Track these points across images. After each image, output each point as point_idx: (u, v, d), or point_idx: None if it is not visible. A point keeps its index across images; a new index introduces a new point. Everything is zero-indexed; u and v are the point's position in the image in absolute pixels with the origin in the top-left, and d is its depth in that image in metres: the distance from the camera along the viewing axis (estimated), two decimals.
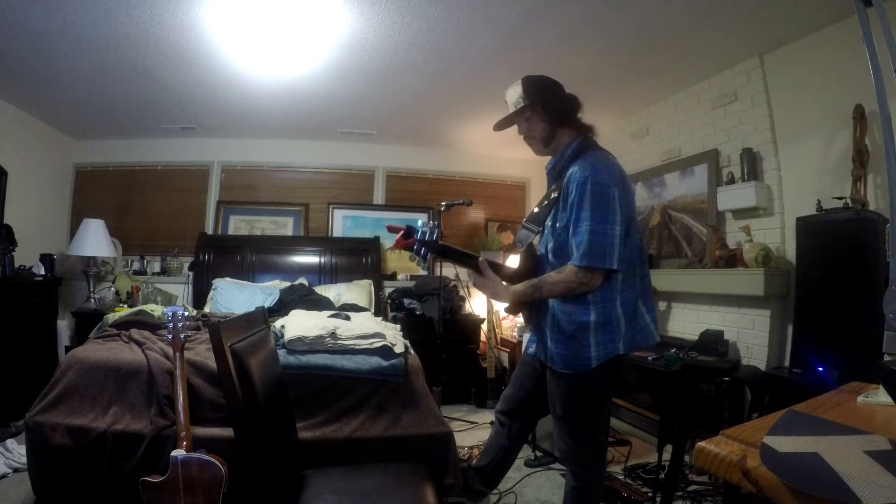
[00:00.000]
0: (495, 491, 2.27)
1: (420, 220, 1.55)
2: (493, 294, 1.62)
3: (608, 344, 1.51)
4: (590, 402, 1.59)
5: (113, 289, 4.09)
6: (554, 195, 1.59)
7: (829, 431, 0.80)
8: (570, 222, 1.50)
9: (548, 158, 1.71)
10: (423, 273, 4.69)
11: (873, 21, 1.06)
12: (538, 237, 1.67)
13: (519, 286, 1.57)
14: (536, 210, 1.69)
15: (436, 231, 1.50)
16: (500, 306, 4.27)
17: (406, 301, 4.22)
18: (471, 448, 2.84)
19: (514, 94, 1.63)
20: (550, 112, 1.60)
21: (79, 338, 3.62)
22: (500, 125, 1.68)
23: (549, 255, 1.59)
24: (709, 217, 3.11)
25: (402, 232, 1.51)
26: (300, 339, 2.21)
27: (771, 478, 0.65)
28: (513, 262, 1.79)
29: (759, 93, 2.83)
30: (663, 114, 3.60)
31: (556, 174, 1.65)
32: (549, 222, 1.60)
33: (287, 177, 4.77)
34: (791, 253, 2.59)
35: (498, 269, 1.63)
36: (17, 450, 2.45)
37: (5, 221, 3.41)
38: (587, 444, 1.61)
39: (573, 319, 1.53)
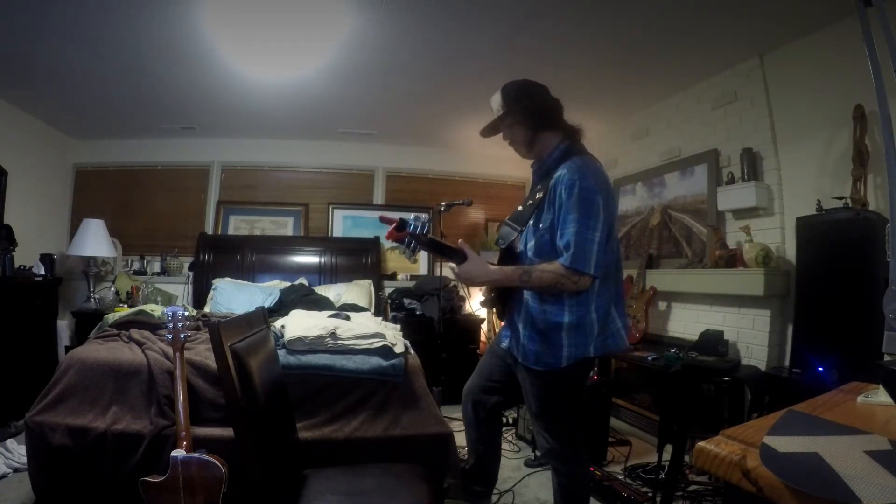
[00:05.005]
0: (495, 490, 2.28)
1: (412, 214, 1.60)
2: (483, 274, 1.55)
3: (580, 346, 1.54)
4: (562, 399, 1.63)
5: (113, 289, 4.09)
6: (539, 195, 1.61)
7: (829, 431, 0.80)
8: (554, 223, 1.53)
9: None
10: (423, 273, 4.69)
11: (873, 21, 1.06)
12: (519, 236, 1.69)
13: (508, 268, 1.56)
14: (520, 209, 1.71)
15: (427, 225, 1.54)
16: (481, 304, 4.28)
17: (406, 301, 4.22)
18: None
19: (496, 102, 1.67)
20: (530, 117, 1.63)
21: (79, 338, 3.62)
22: (486, 131, 1.73)
23: (529, 253, 1.62)
24: (709, 217, 3.11)
25: (395, 224, 1.55)
26: (300, 339, 2.21)
27: (771, 478, 0.65)
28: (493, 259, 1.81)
29: (759, 93, 2.83)
30: (663, 114, 3.59)
31: (542, 174, 1.67)
32: (531, 222, 1.63)
33: (287, 177, 4.77)
34: (791, 253, 2.59)
35: None
36: (17, 450, 2.45)
37: (5, 221, 3.41)
38: (564, 441, 1.65)
39: (547, 319, 1.55)
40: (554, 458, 1.69)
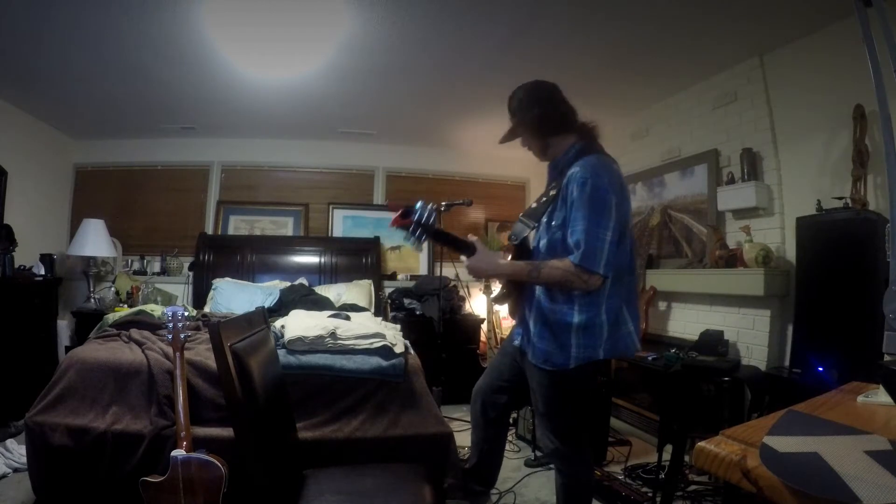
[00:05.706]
0: (495, 490, 2.28)
1: (419, 201, 1.54)
2: (491, 267, 1.61)
3: (588, 348, 1.53)
4: (568, 400, 1.62)
5: (113, 289, 4.09)
6: (553, 192, 1.61)
7: (829, 431, 0.80)
8: (566, 221, 1.52)
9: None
10: (423, 273, 4.69)
11: (873, 21, 1.06)
12: (533, 232, 1.69)
13: (518, 262, 1.58)
14: (534, 205, 1.71)
15: (434, 215, 1.51)
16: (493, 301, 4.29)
17: (406, 301, 4.21)
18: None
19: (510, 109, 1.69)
20: (538, 126, 1.63)
21: (79, 338, 3.62)
22: (505, 139, 1.73)
23: (542, 251, 1.61)
24: (709, 217, 3.11)
25: (400, 211, 1.52)
26: (300, 339, 2.21)
27: (771, 478, 0.65)
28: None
29: (759, 93, 2.83)
30: (663, 114, 3.59)
31: (557, 172, 1.67)
32: (545, 219, 1.63)
33: (287, 177, 4.77)
34: (791, 253, 2.59)
35: None
36: (17, 450, 2.45)
37: (5, 221, 3.41)
38: (568, 442, 1.64)
39: (557, 318, 1.55)
40: (558, 459, 1.69)
